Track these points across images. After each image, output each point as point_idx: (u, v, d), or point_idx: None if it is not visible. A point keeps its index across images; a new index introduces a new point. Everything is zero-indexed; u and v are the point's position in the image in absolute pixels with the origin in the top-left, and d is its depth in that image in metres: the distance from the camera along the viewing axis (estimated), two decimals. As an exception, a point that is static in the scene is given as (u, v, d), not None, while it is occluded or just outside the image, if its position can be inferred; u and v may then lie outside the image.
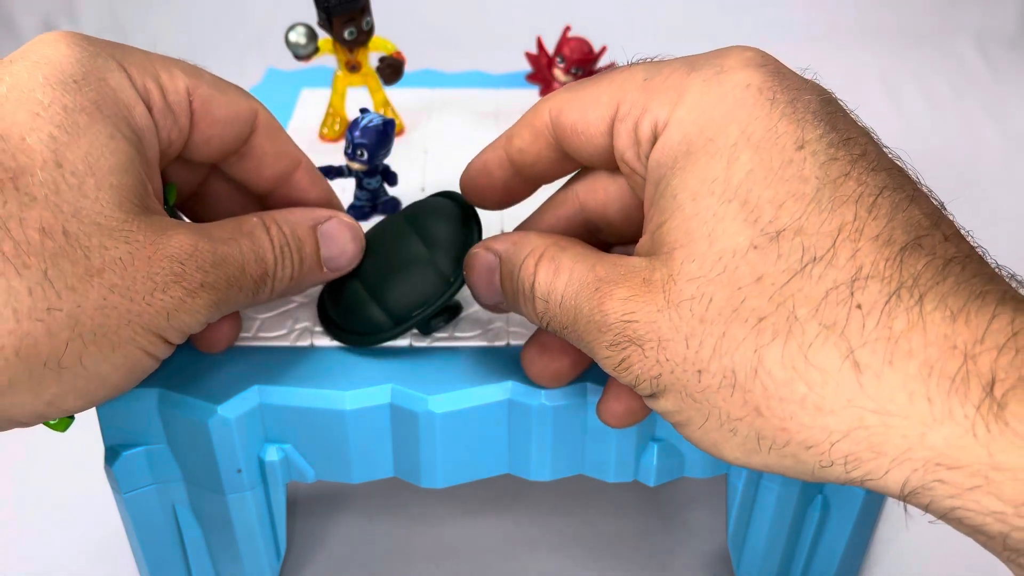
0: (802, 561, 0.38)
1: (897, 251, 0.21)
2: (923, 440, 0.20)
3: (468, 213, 0.35)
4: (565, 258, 0.26)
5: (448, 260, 0.34)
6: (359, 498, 0.46)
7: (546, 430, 0.33)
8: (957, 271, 0.21)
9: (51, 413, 0.25)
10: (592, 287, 0.25)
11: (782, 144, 0.23)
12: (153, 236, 0.26)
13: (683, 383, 0.23)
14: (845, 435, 0.21)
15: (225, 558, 0.37)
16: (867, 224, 0.22)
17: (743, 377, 0.22)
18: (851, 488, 0.35)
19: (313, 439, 0.34)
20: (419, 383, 0.33)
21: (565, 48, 0.50)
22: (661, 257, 0.24)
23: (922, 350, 0.20)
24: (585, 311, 0.25)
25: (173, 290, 0.26)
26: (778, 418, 0.22)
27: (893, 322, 0.21)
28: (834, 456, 0.21)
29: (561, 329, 0.26)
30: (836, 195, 0.22)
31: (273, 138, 0.33)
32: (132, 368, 0.26)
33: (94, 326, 0.24)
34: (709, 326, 0.22)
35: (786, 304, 0.21)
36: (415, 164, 0.48)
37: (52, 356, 0.24)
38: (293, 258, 0.31)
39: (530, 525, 0.44)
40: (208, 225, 0.29)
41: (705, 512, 0.45)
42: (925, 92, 0.89)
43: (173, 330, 0.26)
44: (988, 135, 0.82)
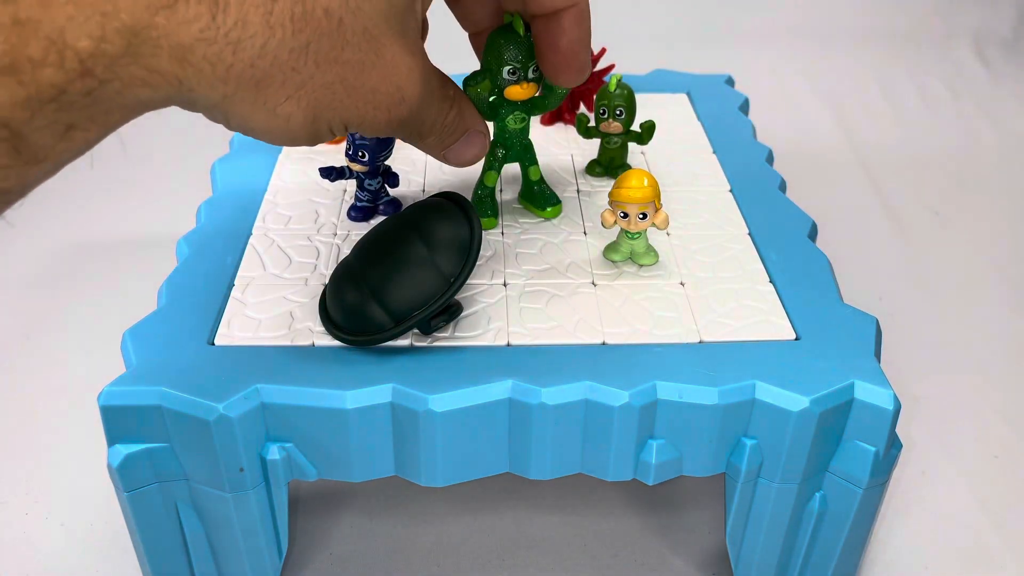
0: (800, 559, 0.39)
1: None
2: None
3: (468, 213, 0.35)
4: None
5: (448, 260, 0.34)
6: (360, 496, 0.46)
7: (546, 429, 0.34)
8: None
9: (249, 134, 0.28)
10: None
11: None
12: (397, 60, 0.29)
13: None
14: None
15: (227, 556, 0.37)
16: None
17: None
18: (849, 487, 0.36)
19: (314, 438, 0.34)
20: (420, 382, 0.33)
21: (565, 50, 0.50)
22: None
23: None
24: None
25: (382, 112, 0.30)
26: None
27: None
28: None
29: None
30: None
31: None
32: (316, 136, 0.29)
33: (313, 98, 0.27)
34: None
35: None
36: (416, 165, 0.48)
37: (273, 100, 0.27)
38: (440, 139, 0.35)
39: (530, 524, 0.45)
40: (432, 72, 0.32)
41: (703, 511, 0.45)
42: (923, 94, 0.89)
43: (356, 129, 0.30)
44: (986, 136, 0.83)
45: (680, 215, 0.44)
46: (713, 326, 0.37)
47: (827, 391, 0.33)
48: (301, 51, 0.26)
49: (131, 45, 0.23)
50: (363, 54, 0.28)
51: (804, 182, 0.69)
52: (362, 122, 0.30)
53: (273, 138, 0.29)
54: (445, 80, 0.34)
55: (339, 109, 0.29)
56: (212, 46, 0.25)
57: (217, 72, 0.25)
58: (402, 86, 0.30)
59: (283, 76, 0.26)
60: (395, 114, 0.30)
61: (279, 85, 0.26)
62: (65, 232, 0.67)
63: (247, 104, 0.27)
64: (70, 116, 0.23)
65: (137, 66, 0.24)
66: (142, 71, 0.24)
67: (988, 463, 0.49)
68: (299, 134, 0.29)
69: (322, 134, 0.29)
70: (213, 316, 0.37)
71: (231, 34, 0.25)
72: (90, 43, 0.23)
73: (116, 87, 0.24)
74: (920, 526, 0.45)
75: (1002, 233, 0.69)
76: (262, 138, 0.29)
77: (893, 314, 0.59)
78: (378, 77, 0.29)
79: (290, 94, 0.27)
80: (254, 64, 0.26)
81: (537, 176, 0.43)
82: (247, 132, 0.28)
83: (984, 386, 0.54)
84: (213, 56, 0.25)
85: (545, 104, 0.41)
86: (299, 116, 0.28)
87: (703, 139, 0.52)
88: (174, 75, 0.24)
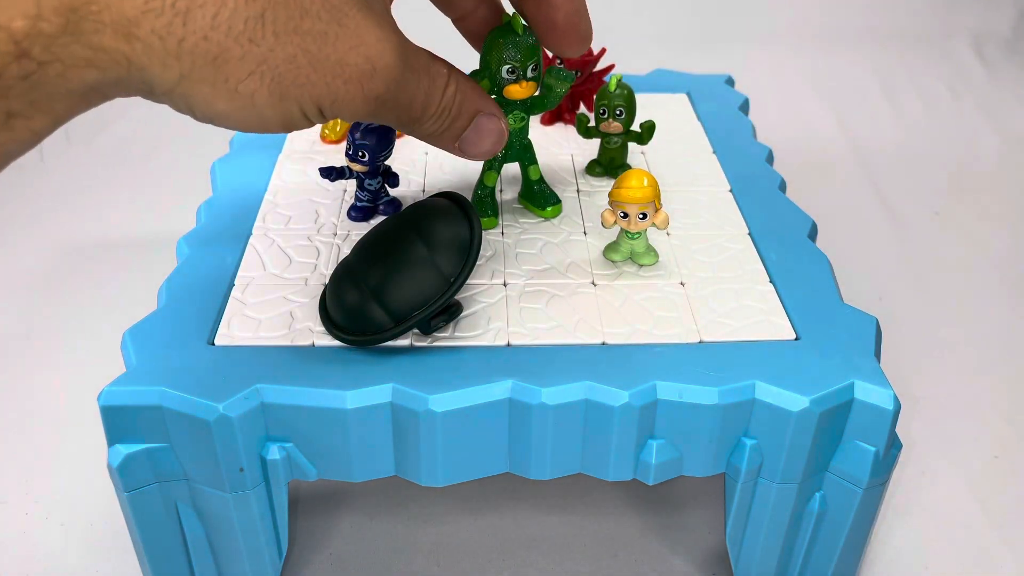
0: (800, 559, 0.39)
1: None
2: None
3: (468, 213, 0.35)
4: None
5: (448, 260, 0.34)
6: (360, 496, 0.46)
7: (546, 429, 0.34)
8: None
9: (215, 121, 0.27)
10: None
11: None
12: (362, 29, 0.28)
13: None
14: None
15: (227, 556, 0.37)
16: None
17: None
18: (849, 487, 0.36)
19: (314, 438, 0.34)
20: (420, 382, 0.33)
21: (565, 50, 0.50)
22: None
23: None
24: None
25: (353, 86, 0.28)
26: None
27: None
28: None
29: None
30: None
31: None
32: (288, 118, 0.28)
33: (276, 74, 0.26)
34: None
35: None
36: (416, 165, 0.48)
37: (234, 77, 0.25)
38: (442, 122, 0.33)
39: (530, 524, 0.45)
40: (409, 46, 0.30)
41: (703, 511, 0.45)
42: (923, 94, 0.89)
43: (331, 111, 0.28)
44: (985, 136, 0.83)
45: (680, 215, 0.44)
46: (713, 326, 0.37)
47: (827, 391, 0.33)
48: (256, 20, 0.25)
49: (70, 22, 0.22)
50: (324, 24, 0.27)
51: (804, 182, 0.69)
52: (335, 100, 0.28)
53: (240, 122, 0.27)
54: (432, 56, 0.32)
55: (306, 86, 0.27)
56: (160, 18, 0.23)
57: (168, 47, 0.24)
58: (371, 56, 0.28)
59: (241, 50, 0.25)
60: (369, 89, 0.28)
61: (238, 60, 0.25)
62: (65, 232, 0.67)
63: (207, 85, 0.25)
64: (8, 103, 0.22)
65: (79, 45, 0.23)
66: (85, 50, 0.23)
67: (988, 463, 0.49)
68: (267, 115, 0.27)
69: (294, 117, 0.28)
70: (213, 316, 0.37)
71: (179, 3, 0.24)
72: (25, 22, 0.22)
73: (58, 69, 0.23)
74: (920, 526, 0.45)
75: (1002, 233, 0.69)
76: (229, 124, 0.27)
77: (893, 314, 0.59)
78: (344, 48, 0.27)
79: (251, 70, 0.26)
80: (207, 37, 0.24)
81: (537, 176, 0.43)
82: (213, 120, 0.27)
83: (984, 386, 0.54)
84: (162, 29, 0.24)
85: (544, 103, 0.41)
86: (263, 93, 0.26)
87: (703, 139, 0.52)
88: (121, 53, 0.23)
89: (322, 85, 0.27)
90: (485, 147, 0.35)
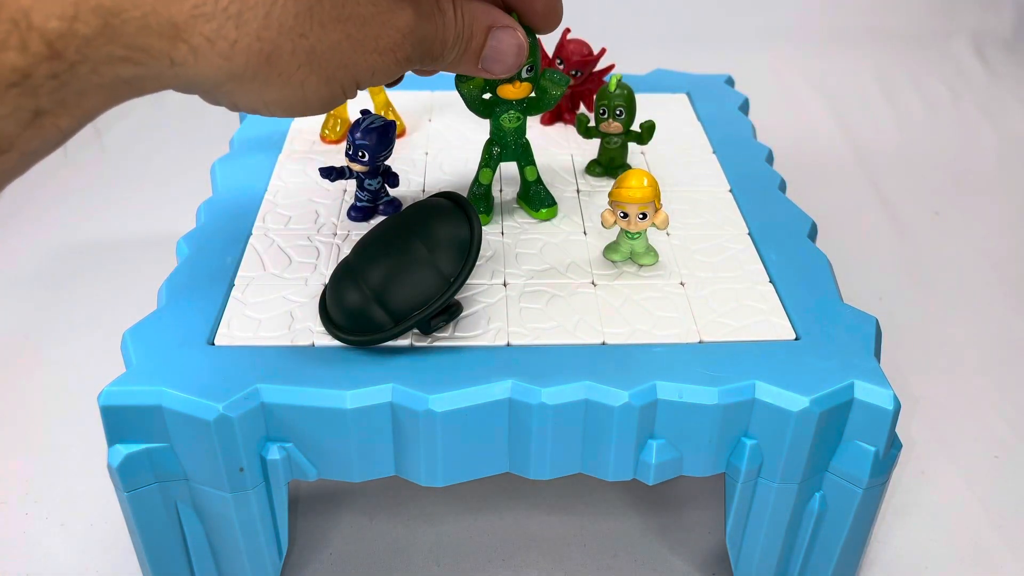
0: (800, 559, 0.39)
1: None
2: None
3: (468, 213, 0.35)
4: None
5: (448, 260, 0.34)
6: (360, 496, 0.46)
7: (546, 429, 0.34)
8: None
9: (261, 111, 0.28)
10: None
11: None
12: (392, 5, 0.29)
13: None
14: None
15: (227, 556, 0.37)
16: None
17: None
18: (849, 486, 0.36)
19: (314, 438, 0.34)
20: (419, 382, 0.33)
21: (565, 50, 0.50)
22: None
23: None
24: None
25: (387, 55, 0.29)
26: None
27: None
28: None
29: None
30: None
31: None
32: (331, 99, 0.29)
33: (323, 61, 0.27)
34: None
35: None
36: (416, 165, 0.48)
37: (286, 71, 0.26)
38: (460, 48, 0.33)
39: (530, 524, 0.45)
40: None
41: (703, 511, 0.45)
42: (923, 94, 0.89)
43: (368, 83, 0.30)
44: (985, 136, 0.83)
45: (680, 215, 0.44)
46: (713, 326, 0.37)
47: (827, 391, 0.33)
48: (305, 15, 0.26)
49: (108, 25, 0.22)
50: (363, 6, 0.28)
51: (804, 182, 0.69)
52: (373, 73, 0.29)
53: (287, 109, 0.28)
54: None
55: (349, 67, 0.28)
56: (210, 22, 0.24)
57: (219, 49, 0.24)
58: (399, 26, 0.29)
59: (292, 44, 0.26)
60: (401, 54, 0.30)
61: (289, 54, 0.26)
62: (65, 232, 0.67)
63: (258, 81, 0.26)
64: (36, 101, 0.22)
65: (116, 45, 0.22)
66: (122, 49, 0.23)
67: (988, 463, 0.49)
68: (312, 99, 0.28)
69: (336, 98, 0.29)
70: (213, 316, 0.37)
71: (231, 7, 0.24)
72: (60, 23, 0.21)
73: (89, 67, 0.22)
74: (920, 526, 0.45)
75: (1002, 233, 0.69)
76: (272, 112, 0.28)
77: (893, 314, 0.59)
78: (379, 25, 0.28)
79: (301, 62, 0.26)
80: (260, 36, 0.25)
81: (534, 176, 0.43)
82: (258, 110, 0.28)
83: (984, 386, 0.54)
84: (212, 33, 0.24)
85: (540, 105, 0.41)
86: (312, 81, 0.27)
87: (703, 139, 0.52)
88: (164, 53, 0.23)
89: (363, 63, 0.29)
90: (509, 61, 0.35)
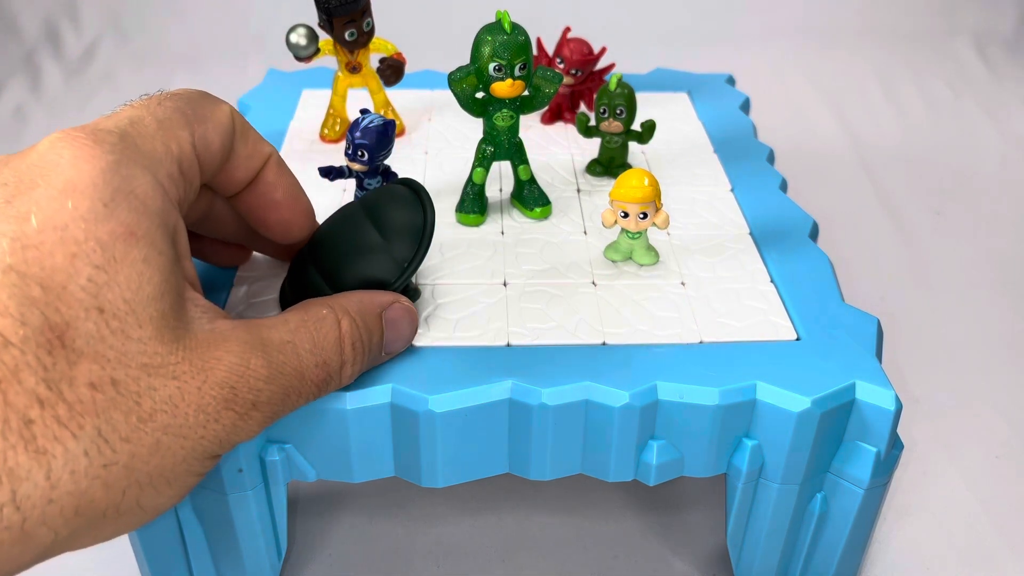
0: (801, 560, 0.38)
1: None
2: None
3: (423, 200, 0.35)
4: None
5: (402, 246, 0.34)
6: (360, 497, 0.46)
7: (546, 429, 0.34)
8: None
9: (106, 540, 0.26)
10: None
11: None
12: (200, 363, 0.25)
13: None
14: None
15: (226, 558, 0.37)
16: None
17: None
18: (850, 487, 0.36)
19: (314, 438, 0.34)
20: (419, 382, 0.33)
21: (565, 49, 0.50)
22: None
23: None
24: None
25: (225, 416, 0.26)
26: None
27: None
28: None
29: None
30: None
31: (246, 139, 0.32)
32: (184, 492, 0.26)
33: (149, 470, 0.24)
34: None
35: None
36: (416, 165, 0.48)
37: (111, 506, 0.24)
38: (365, 353, 0.31)
39: (530, 525, 0.44)
40: (265, 323, 0.28)
41: (704, 512, 0.45)
42: (924, 93, 0.89)
43: (224, 449, 0.26)
44: (986, 136, 0.83)
45: (680, 215, 0.44)
46: (713, 326, 0.37)
47: (828, 391, 0.33)
48: (94, 444, 0.23)
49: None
50: (164, 390, 0.24)
51: (805, 182, 0.69)
52: (223, 442, 0.26)
53: (145, 523, 0.26)
54: (294, 315, 0.29)
55: (188, 460, 0.25)
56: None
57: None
58: (232, 380, 0.26)
59: (99, 483, 0.23)
60: (250, 414, 0.26)
61: (102, 495, 0.23)
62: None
63: (91, 532, 0.24)
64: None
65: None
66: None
67: (990, 464, 0.49)
68: (170, 507, 0.26)
69: (187, 491, 0.26)
70: (212, 316, 0.37)
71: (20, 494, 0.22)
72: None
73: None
74: (921, 527, 0.45)
75: (1003, 233, 0.69)
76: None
77: (894, 314, 0.58)
78: (202, 393, 0.25)
79: (125, 486, 0.24)
80: (52, 499, 0.23)
81: (527, 176, 0.43)
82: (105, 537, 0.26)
83: (986, 386, 0.54)
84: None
85: (533, 104, 0.41)
86: (157, 486, 0.25)
87: (704, 139, 0.52)
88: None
89: (197, 440, 0.25)
90: (407, 335, 0.33)
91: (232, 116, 0.31)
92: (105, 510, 0.24)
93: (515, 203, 0.44)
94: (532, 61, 0.39)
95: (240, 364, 0.26)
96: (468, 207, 0.43)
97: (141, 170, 0.26)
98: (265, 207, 0.33)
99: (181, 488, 0.26)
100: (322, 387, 0.30)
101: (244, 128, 0.32)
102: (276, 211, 0.34)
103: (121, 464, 0.23)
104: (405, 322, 0.33)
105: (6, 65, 0.90)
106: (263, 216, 0.34)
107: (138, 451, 0.24)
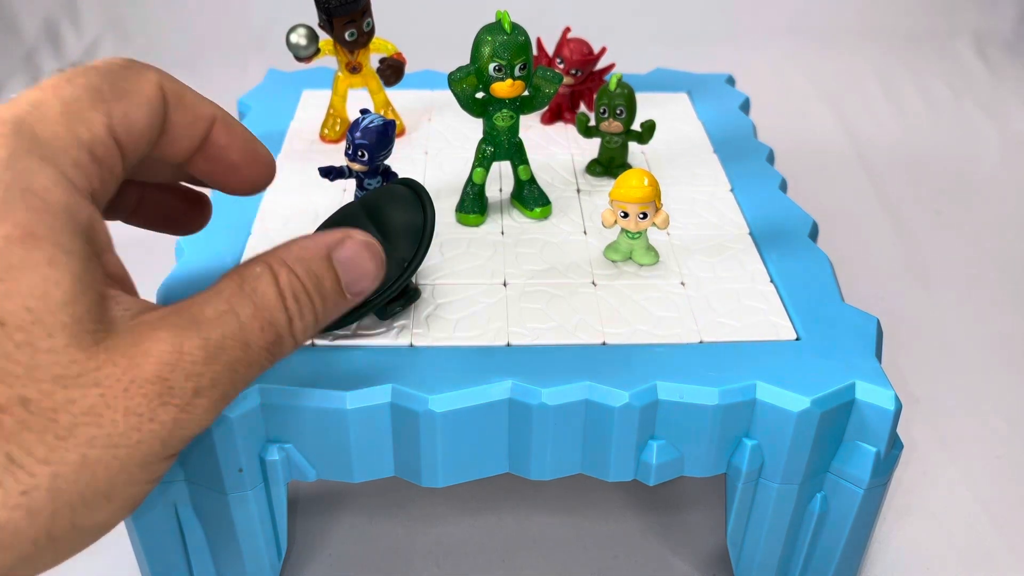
0: (801, 560, 0.38)
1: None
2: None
3: (423, 199, 0.35)
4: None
5: (404, 245, 0.34)
6: (360, 497, 0.46)
7: (546, 429, 0.34)
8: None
9: (62, 561, 0.24)
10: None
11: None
12: (125, 363, 0.23)
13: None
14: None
15: (226, 557, 0.37)
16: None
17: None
18: (850, 487, 0.36)
19: (314, 438, 0.34)
20: (419, 382, 0.33)
21: (565, 49, 0.50)
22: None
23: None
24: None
25: (162, 413, 0.23)
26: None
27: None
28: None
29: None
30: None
31: (182, 106, 0.28)
32: (133, 503, 0.24)
33: (79, 489, 0.22)
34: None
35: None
36: (416, 165, 0.48)
37: (41, 534, 0.22)
38: (314, 303, 0.27)
39: (530, 525, 0.44)
40: (196, 299, 0.25)
41: (704, 511, 0.45)
42: (924, 93, 0.89)
43: (174, 447, 0.24)
44: (987, 136, 0.83)
45: (680, 215, 0.44)
46: (713, 326, 0.37)
47: (828, 391, 0.33)
48: (5, 471, 0.21)
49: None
50: (84, 400, 0.22)
51: (805, 182, 0.69)
52: (183, 437, 0.24)
53: (98, 538, 0.24)
54: (229, 280, 0.26)
55: (127, 468, 0.23)
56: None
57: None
58: (164, 372, 0.23)
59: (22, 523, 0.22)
60: (200, 385, 0.24)
61: (26, 531, 0.22)
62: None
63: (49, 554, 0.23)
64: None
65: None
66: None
67: (989, 463, 0.49)
68: (123, 517, 0.24)
69: (141, 499, 0.24)
70: (212, 316, 0.37)
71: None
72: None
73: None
74: (921, 527, 0.45)
75: (1003, 233, 0.69)
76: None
77: (894, 314, 0.58)
78: (130, 394, 0.23)
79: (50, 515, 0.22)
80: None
81: (527, 176, 0.43)
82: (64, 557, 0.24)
83: (985, 386, 0.54)
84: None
85: (533, 104, 0.41)
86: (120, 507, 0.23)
87: (703, 139, 0.52)
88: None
89: (134, 445, 0.23)
90: (371, 271, 0.28)
91: (160, 85, 0.27)
92: (35, 539, 0.22)
93: (515, 203, 0.44)
94: (532, 61, 0.39)
95: (171, 352, 0.23)
96: (468, 207, 0.43)
97: (40, 162, 0.23)
98: (223, 171, 0.31)
99: (127, 501, 0.24)
100: (274, 351, 0.26)
101: (178, 94, 0.28)
102: (235, 173, 0.31)
103: (43, 488, 0.21)
104: (364, 257, 0.28)
105: (6, 65, 0.90)
106: (222, 180, 0.31)
107: (61, 471, 0.22)
